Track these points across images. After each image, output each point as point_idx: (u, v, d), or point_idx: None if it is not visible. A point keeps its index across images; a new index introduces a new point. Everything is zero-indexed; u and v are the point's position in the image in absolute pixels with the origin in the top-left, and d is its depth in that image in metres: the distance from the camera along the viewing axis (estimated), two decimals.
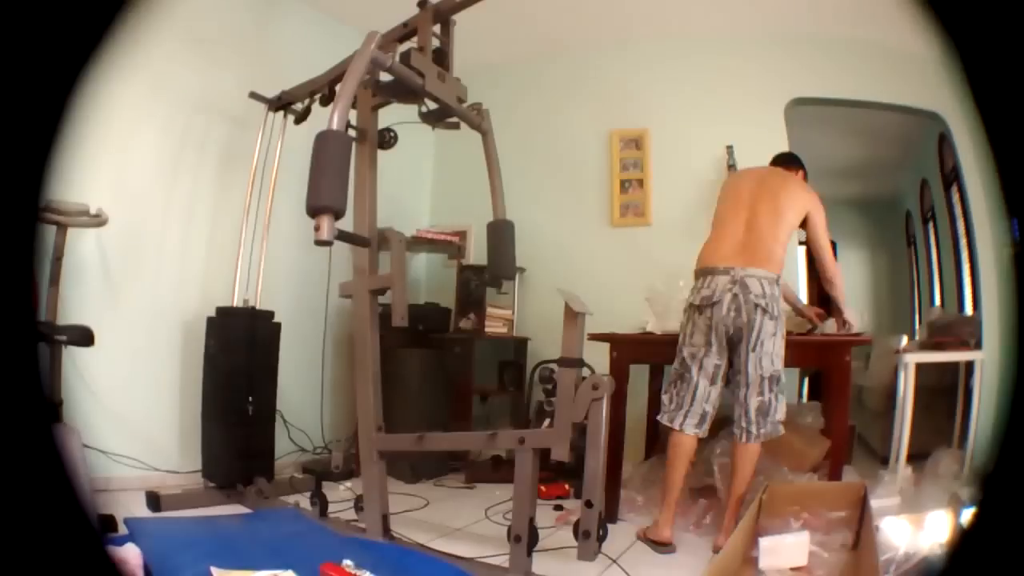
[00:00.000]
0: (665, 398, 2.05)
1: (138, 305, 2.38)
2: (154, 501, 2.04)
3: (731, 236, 2.02)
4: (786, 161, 2.32)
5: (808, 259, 6.07)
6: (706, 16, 3.07)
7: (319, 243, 1.45)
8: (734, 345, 1.95)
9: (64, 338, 1.87)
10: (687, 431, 1.97)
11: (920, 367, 2.58)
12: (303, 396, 2.92)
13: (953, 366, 2.86)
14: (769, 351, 1.93)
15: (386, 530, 1.83)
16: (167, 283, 2.49)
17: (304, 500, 2.17)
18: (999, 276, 2.80)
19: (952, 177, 3.54)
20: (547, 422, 1.85)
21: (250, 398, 2.32)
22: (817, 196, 2.12)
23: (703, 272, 2.01)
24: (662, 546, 1.92)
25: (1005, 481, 0.71)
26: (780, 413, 1.97)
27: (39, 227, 1.76)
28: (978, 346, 2.73)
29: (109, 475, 2.18)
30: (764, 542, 1.64)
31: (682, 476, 1.99)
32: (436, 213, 3.80)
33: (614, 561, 1.79)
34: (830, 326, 2.35)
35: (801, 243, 3.20)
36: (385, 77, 1.81)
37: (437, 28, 1.91)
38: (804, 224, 2.11)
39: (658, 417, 2.07)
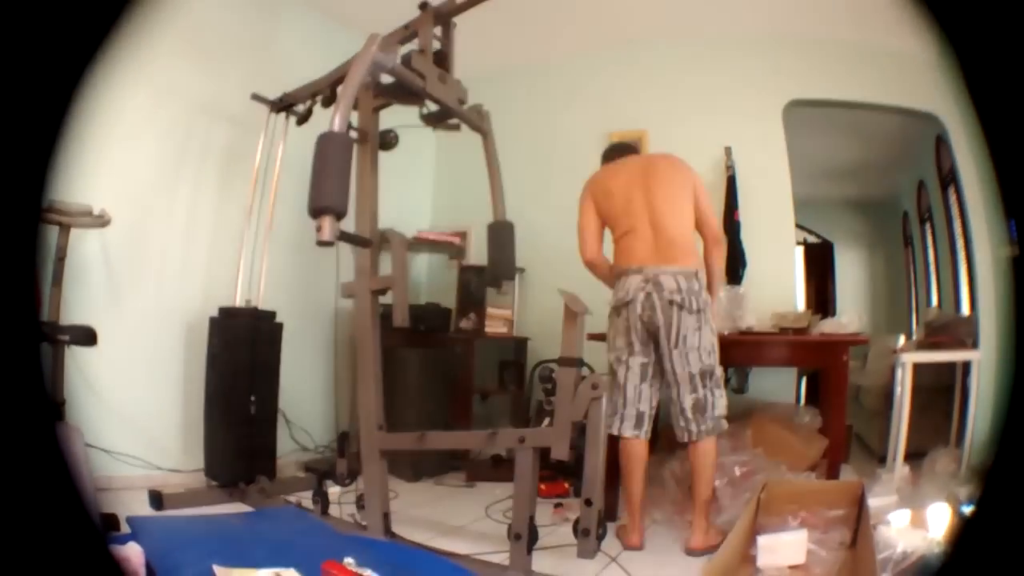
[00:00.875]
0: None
1: (141, 305, 2.39)
2: (157, 500, 2.05)
3: (640, 237, 1.99)
4: (632, 150, 2.25)
5: (805, 258, 6.09)
6: (704, 18, 3.08)
7: (321, 244, 1.45)
8: (658, 343, 1.93)
9: (67, 338, 1.88)
10: (626, 434, 1.97)
11: (917, 367, 2.59)
12: (305, 395, 2.93)
13: (950, 366, 2.87)
14: (695, 346, 1.90)
15: (387, 528, 1.84)
16: (170, 283, 2.50)
17: (306, 498, 2.18)
18: (996, 276, 2.81)
19: (949, 178, 3.56)
20: (547, 421, 1.87)
21: (252, 397, 2.33)
22: (692, 169, 2.07)
23: (618, 275, 2.01)
24: (632, 550, 1.91)
25: (1002, 479, 0.72)
26: (720, 408, 1.94)
27: (42, 227, 1.78)
28: (975, 346, 2.74)
29: (112, 474, 2.19)
30: (762, 540, 1.65)
31: (639, 481, 1.96)
32: (437, 214, 3.81)
33: (613, 559, 1.80)
34: (829, 325, 2.37)
35: (799, 244, 3.21)
36: (386, 79, 1.82)
37: (438, 30, 1.92)
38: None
39: None
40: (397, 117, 2.04)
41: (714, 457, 1.95)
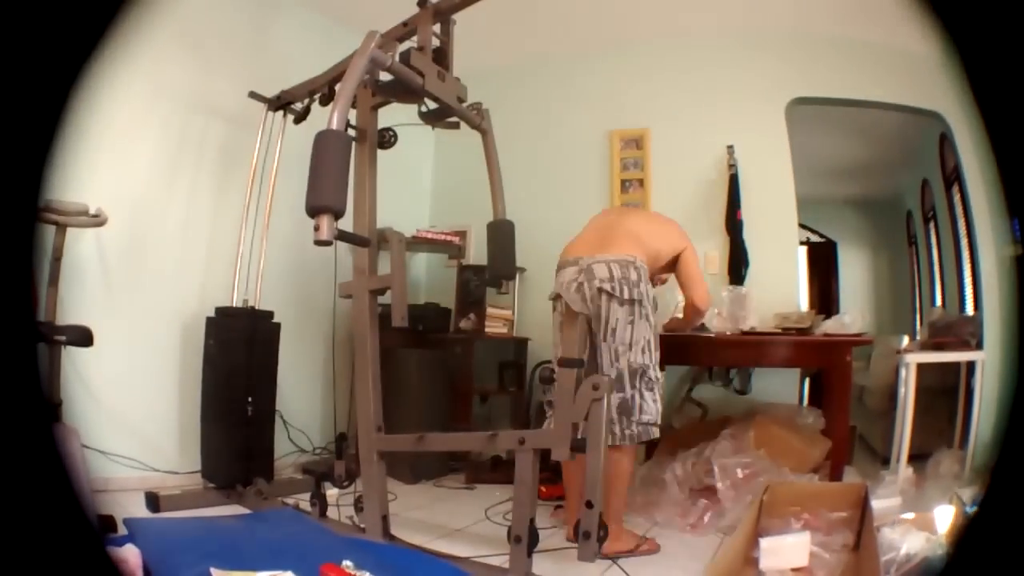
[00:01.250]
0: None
1: (137, 305, 2.38)
2: (153, 502, 2.04)
3: (588, 233, 1.99)
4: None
5: (808, 258, 6.07)
6: (707, 15, 3.07)
7: (319, 243, 1.44)
8: (592, 337, 1.86)
9: (63, 338, 1.87)
10: None
11: (921, 367, 2.57)
12: (302, 396, 2.92)
13: (954, 366, 2.85)
14: (625, 340, 1.80)
15: (386, 531, 1.83)
16: (166, 283, 2.49)
17: (304, 500, 2.17)
18: (1000, 276, 2.79)
19: (953, 177, 3.54)
20: (547, 422, 1.85)
21: (249, 398, 2.32)
22: (685, 234, 2.09)
23: (557, 269, 1.98)
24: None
25: (1006, 481, 0.72)
26: (649, 413, 1.81)
27: (38, 227, 1.78)
28: (979, 346, 2.72)
29: (108, 475, 2.18)
30: (765, 543, 1.64)
31: (575, 473, 1.89)
32: (436, 213, 3.79)
33: (614, 561, 1.79)
34: (832, 325, 2.35)
35: (802, 243, 3.20)
36: (385, 77, 1.80)
37: (437, 27, 1.91)
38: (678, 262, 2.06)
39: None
40: (396, 115, 2.03)
41: (630, 469, 1.83)
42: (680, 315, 2.36)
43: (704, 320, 2.28)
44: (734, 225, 2.95)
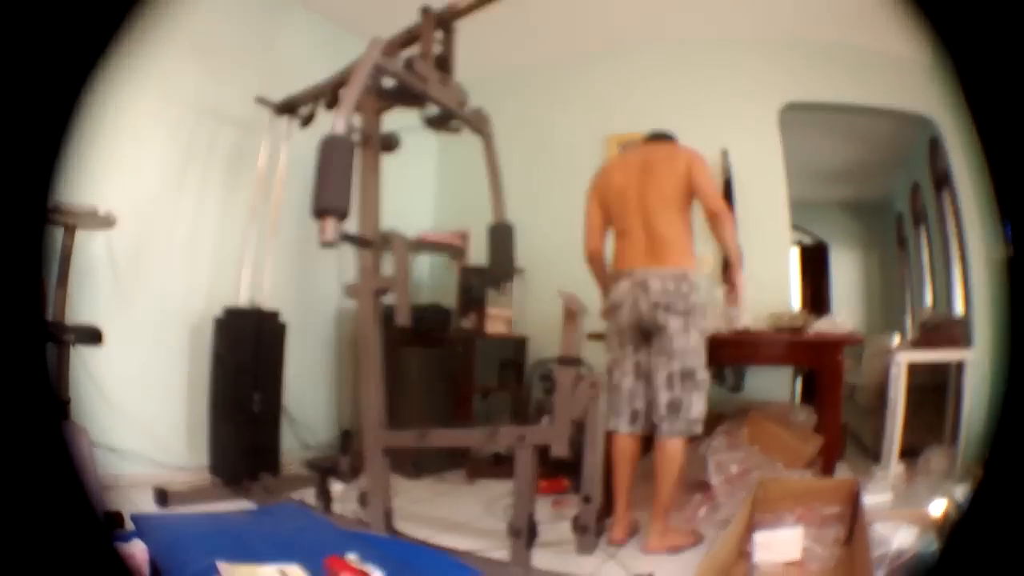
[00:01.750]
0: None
1: (146, 305, 2.40)
2: (162, 497, 2.06)
3: (633, 239, 1.99)
4: (659, 138, 2.21)
5: (801, 259, 6.10)
6: (700, 21, 3.10)
7: (324, 244, 1.47)
8: (647, 343, 1.95)
9: (72, 337, 1.89)
10: (620, 430, 1.98)
11: (912, 366, 2.60)
12: (307, 394, 2.95)
13: (944, 365, 2.88)
14: (680, 348, 1.90)
15: (389, 525, 1.86)
16: (175, 284, 2.51)
17: (309, 495, 2.20)
18: (989, 277, 2.84)
19: (943, 180, 3.59)
20: (546, 419, 1.88)
21: (256, 396, 2.35)
22: (694, 151, 2.04)
23: (614, 278, 2.02)
24: (616, 545, 1.91)
25: (995, 477, 0.74)
26: (695, 411, 1.91)
27: (48, 228, 1.80)
28: (968, 345, 2.76)
29: (117, 472, 2.20)
30: (758, 536, 1.66)
31: (627, 477, 1.97)
32: (438, 216, 3.82)
33: (611, 556, 1.82)
34: (824, 325, 2.39)
35: (794, 245, 3.23)
36: (389, 82, 1.84)
37: (439, 34, 1.94)
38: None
39: None
40: (399, 120, 2.06)
41: (680, 460, 1.90)
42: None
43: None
44: None
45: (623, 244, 2.02)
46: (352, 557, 1.46)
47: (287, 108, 2.58)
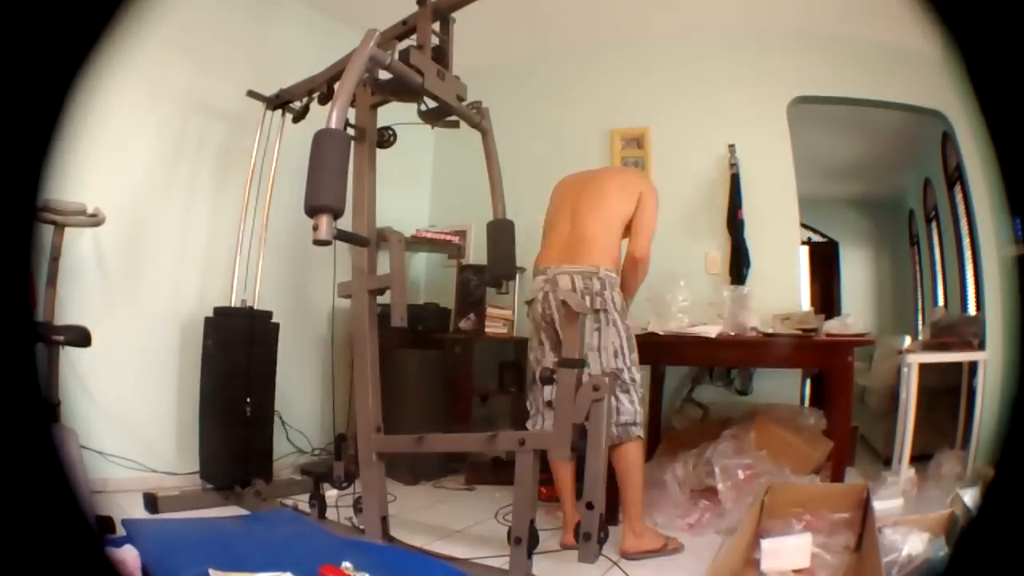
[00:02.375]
0: (528, 403, 2.05)
1: (136, 305, 2.37)
2: (151, 503, 2.03)
3: (556, 237, 2.00)
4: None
5: (810, 258, 6.06)
6: (708, 14, 3.06)
7: (317, 243, 1.44)
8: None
9: (62, 338, 1.86)
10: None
11: (923, 367, 2.56)
12: (301, 397, 2.91)
13: (956, 367, 2.84)
14: (593, 347, 1.85)
15: (385, 532, 1.82)
16: (165, 283, 2.48)
17: (303, 502, 2.17)
18: (1003, 276, 2.78)
19: (955, 176, 3.53)
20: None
21: (248, 399, 2.31)
22: (650, 183, 2.08)
23: (534, 276, 2.02)
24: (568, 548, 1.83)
25: (1007, 482, 0.71)
26: (625, 414, 1.86)
27: (36, 227, 1.77)
28: (981, 346, 2.71)
29: (106, 476, 2.17)
30: (766, 544, 1.64)
31: (567, 481, 1.91)
32: (435, 213, 3.79)
33: (615, 563, 1.78)
34: (834, 325, 2.34)
35: (803, 243, 3.18)
36: (384, 75, 1.80)
37: (436, 26, 1.90)
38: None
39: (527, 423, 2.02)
40: (395, 114, 2.02)
41: (628, 463, 1.86)
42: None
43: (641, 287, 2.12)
44: (735, 224, 2.94)
45: (545, 242, 2.04)
46: (347, 565, 1.44)
47: (280, 102, 2.55)
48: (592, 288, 1.87)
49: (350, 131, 1.81)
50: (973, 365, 2.72)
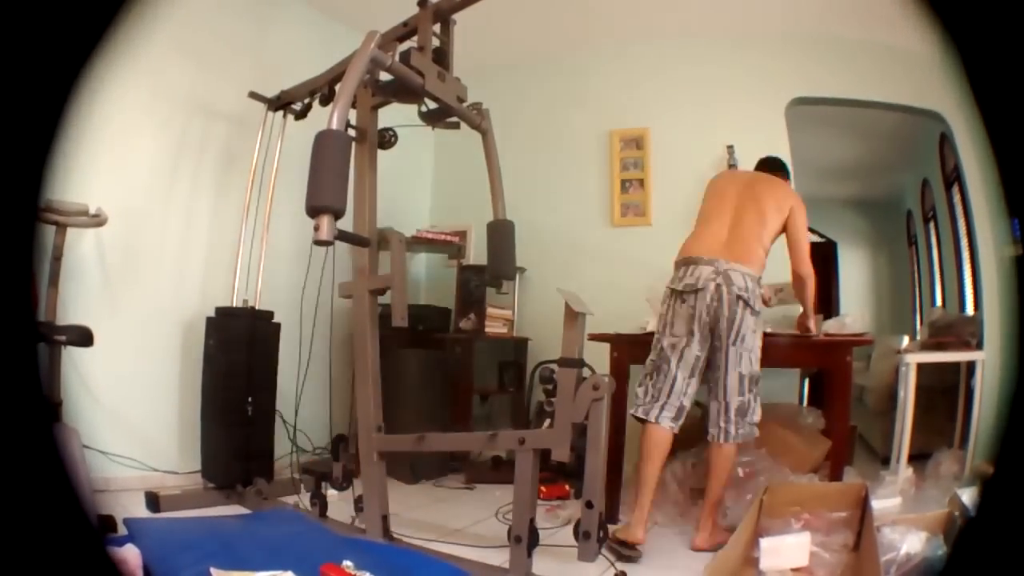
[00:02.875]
0: (640, 391, 2.01)
1: (137, 305, 2.37)
2: (153, 502, 2.03)
3: (715, 233, 2.02)
4: (772, 166, 2.35)
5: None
6: (707, 16, 3.07)
7: (319, 243, 1.44)
8: (715, 338, 1.93)
9: (63, 338, 1.86)
10: (663, 424, 1.94)
11: (921, 367, 2.57)
12: (303, 396, 2.91)
13: (954, 366, 2.85)
14: (750, 347, 1.93)
15: (386, 531, 1.83)
16: (166, 283, 2.49)
17: (304, 500, 2.17)
18: (1000, 276, 2.79)
19: (953, 177, 3.54)
20: (547, 422, 1.85)
21: (249, 398, 2.31)
22: (800, 197, 2.15)
23: (686, 262, 2.00)
24: (630, 547, 1.84)
25: (1005, 481, 0.72)
26: (756, 415, 1.96)
27: (38, 227, 1.78)
28: (979, 346, 2.72)
29: (108, 475, 2.17)
30: (765, 543, 1.64)
31: (657, 472, 1.94)
32: (436, 213, 3.79)
33: (612, 564, 1.78)
34: (832, 325, 2.35)
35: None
36: (385, 77, 1.80)
37: (437, 28, 1.91)
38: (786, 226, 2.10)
39: (631, 411, 2.03)
40: (396, 115, 2.02)
41: (734, 460, 1.97)
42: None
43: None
44: None
45: (703, 232, 2.06)
46: (348, 564, 1.44)
47: (281, 103, 2.55)
48: (756, 292, 1.94)
49: (351, 132, 1.81)
50: (971, 365, 2.73)
